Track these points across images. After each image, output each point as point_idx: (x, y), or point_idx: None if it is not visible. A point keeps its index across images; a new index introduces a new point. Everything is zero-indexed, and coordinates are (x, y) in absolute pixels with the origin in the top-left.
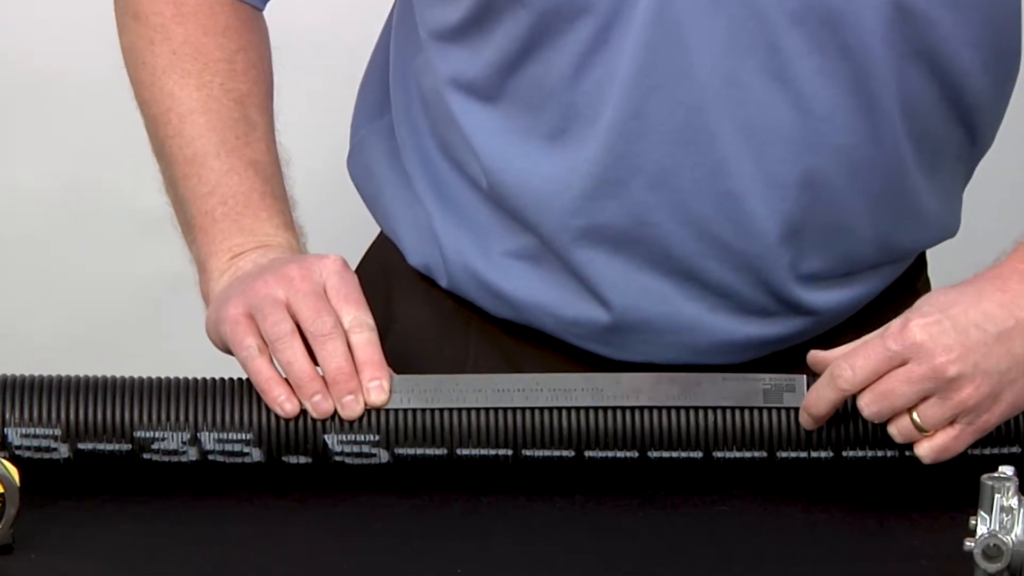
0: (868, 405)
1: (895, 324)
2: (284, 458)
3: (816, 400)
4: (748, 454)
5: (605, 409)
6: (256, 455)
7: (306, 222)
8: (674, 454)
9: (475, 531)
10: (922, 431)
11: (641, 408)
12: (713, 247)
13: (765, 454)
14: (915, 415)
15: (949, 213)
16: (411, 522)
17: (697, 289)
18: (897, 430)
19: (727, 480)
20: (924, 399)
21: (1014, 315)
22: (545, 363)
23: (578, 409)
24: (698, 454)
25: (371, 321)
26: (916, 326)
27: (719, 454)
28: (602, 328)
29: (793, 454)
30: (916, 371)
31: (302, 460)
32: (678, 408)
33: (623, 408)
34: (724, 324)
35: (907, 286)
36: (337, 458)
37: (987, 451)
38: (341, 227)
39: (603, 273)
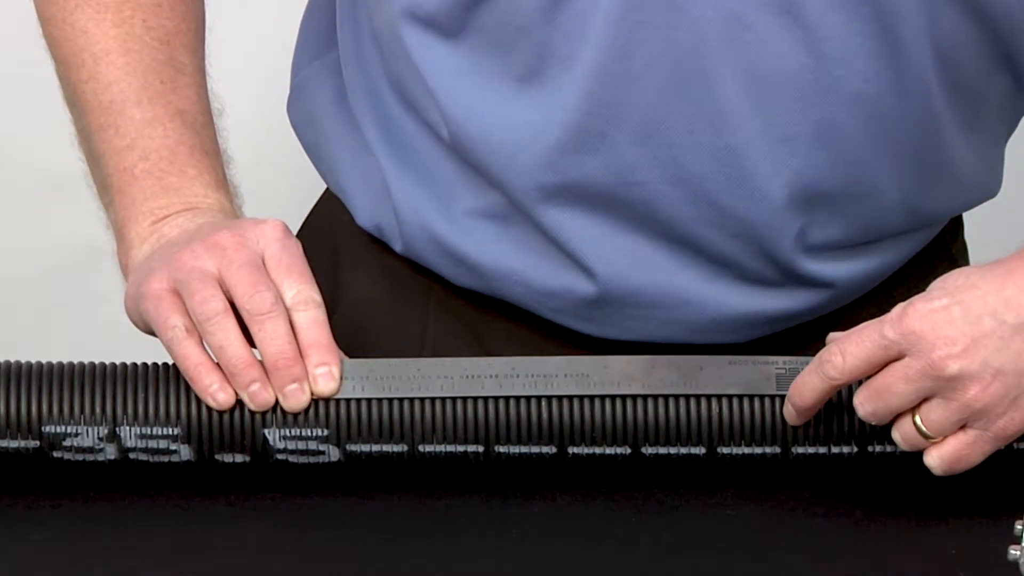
0: (862, 403)
1: (896, 309)
2: (218, 456)
3: (800, 388)
4: (759, 450)
5: (592, 398)
6: (185, 453)
7: (241, 181)
8: (672, 450)
9: (441, 540)
10: (927, 437)
11: (634, 397)
12: (709, 211)
13: (778, 450)
14: (917, 418)
15: (988, 172)
16: (365, 530)
17: (691, 257)
18: (900, 435)
19: (734, 480)
20: (927, 399)
21: None
22: (517, 341)
23: (560, 398)
24: (700, 450)
25: (318, 297)
26: (916, 313)
27: (725, 450)
28: (584, 301)
29: (811, 450)
30: (913, 366)
31: (239, 459)
32: (677, 397)
33: (613, 397)
34: (725, 297)
35: (941, 252)
36: (279, 456)
37: None
38: (282, 186)
39: (583, 237)
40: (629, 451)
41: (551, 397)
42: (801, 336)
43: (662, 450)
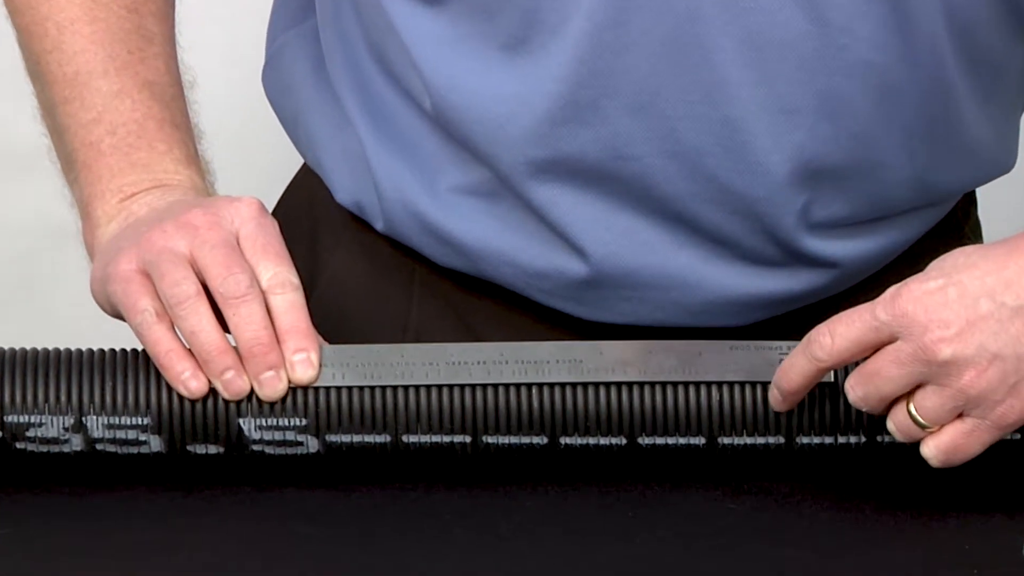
0: (853, 388)
1: (890, 290)
2: (190, 448)
3: (787, 371)
4: (761, 440)
5: (585, 385)
6: (155, 444)
7: (214, 156)
8: (670, 440)
9: (426, 536)
10: (923, 427)
11: (629, 384)
12: (707, 187)
13: (782, 440)
14: (912, 406)
15: (1003, 145)
16: (346, 526)
17: (689, 235)
18: (895, 424)
19: (736, 473)
20: (921, 386)
21: None
22: (505, 325)
23: (552, 386)
24: (700, 440)
25: (295, 279)
26: (910, 294)
27: (725, 440)
28: (575, 282)
29: (817, 440)
30: (905, 350)
31: (212, 450)
32: (675, 384)
33: (607, 384)
34: (724, 277)
35: (953, 230)
36: (255, 447)
37: None
38: (257, 162)
39: (574, 214)
40: (624, 441)
41: (542, 384)
42: (805, 319)
43: (659, 440)
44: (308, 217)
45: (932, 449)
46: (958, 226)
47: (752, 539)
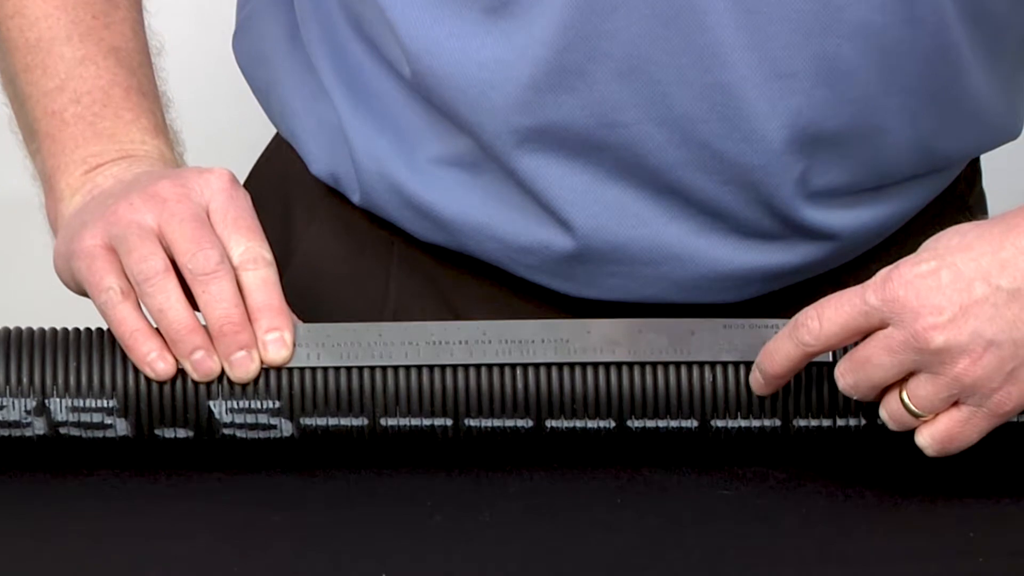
0: (843, 375)
1: (881, 272)
2: (158, 432)
3: (771, 354)
4: (757, 423)
5: (572, 366)
6: (121, 427)
7: (183, 126)
8: (661, 423)
9: (405, 524)
10: (916, 416)
11: (618, 364)
12: (699, 155)
13: (779, 423)
14: (904, 394)
15: (1010, 109)
16: (321, 513)
17: (681, 207)
18: (888, 413)
19: (730, 457)
20: (914, 374)
21: None
22: (488, 302)
23: (537, 366)
24: (692, 423)
25: (268, 254)
26: (900, 278)
27: (719, 423)
28: (561, 256)
29: (815, 423)
30: (896, 337)
31: (181, 434)
32: (666, 364)
33: (595, 364)
34: (717, 251)
35: (956, 201)
36: (226, 431)
37: None
38: (228, 132)
39: (560, 186)
40: (613, 424)
41: (527, 365)
42: (802, 294)
43: (649, 423)
44: (281, 190)
45: (927, 438)
46: (962, 197)
47: (747, 526)
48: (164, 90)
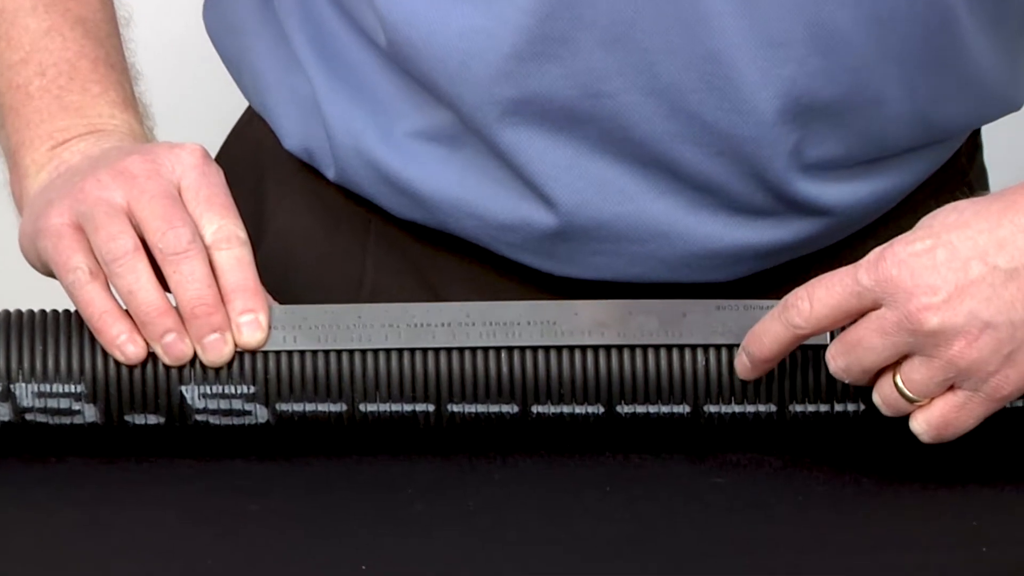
0: (834, 358)
1: (874, 251)
2: (128, 418)
3: (759, 336)
4: (751, 409)
5: (559, 349)
6: (90, 414)
7: (153, 99)
8: (652, 409)
9: (386, 513)
10: (911, 400)
11: (607, 347)
12: (689, 127)
13: (774, 408)
14: (898, 378)
15: (1012, 78)
16: (298, 502)
17: (668, 181)
18: (881, 398)
19: (723, 444)
20: (908, 357)
21: None
22: (469, 281)
23: (523, 349)
24: (684, 409)
25: (242, 233)
26: (894, 257)
27: (712, 408)
28: (544, 234)
29: (811, 408)
30: (889, 318)
31: (152, 420)
32: (657, 347)
33: (583, 348)
34: (707, 227)
35: (956, 176)
36: (199, 417)
37: None
38: (200, 106)
39: (543, 160)
40: (602, 410)
41: (512, 348)
42: (795, 273)
43: (640, 409)
44: (253, 166)
45: (922, 424)
46: (962, 172)
47: (741, 515)
48: (133, 62)
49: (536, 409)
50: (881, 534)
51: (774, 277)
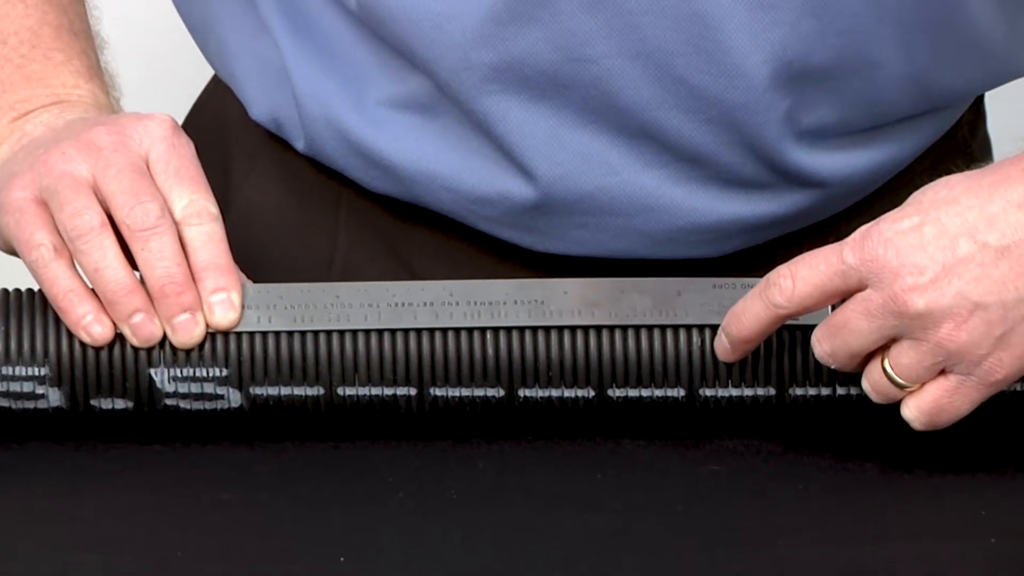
0: (819, 341)
1: (861, 229)
2: (94, 402)
3: (739, 316)
4: (749, 392)
5: (547, 330)
6: (54, 398)
7: (120, 68)
8: (645, 393)
9: (364, 502)
10: (901, 386)
11: (598, 328)
12: (676, 93)
13: (773, 391)
14: (887, 363)
15: (1016, 42)
16: (273, 491)
17: (654, 152)
18: (870, 384)
19: (720, 429)
20: (897, 340)
21: None
22: (444, 257)
23: (509, 330)
24: (679, 393)
25: (214, 208)
26: (880, 235)
27: (708, 392)
28: (523, 207)
29: (812, 391)
30: (874, 299)
31: (119, 405)
32: (650, 328)
33: (573, 328)
34: (695, 200)
35: (958, 146)
36: (169, 402)
37: None
38: (168, 75)
39: (522, 130)
40: (592, 394)
41: (498, 329)
42: (788, 248)
43: (632, 392)
44: (219, 137)
45: (913, 410)
46: (964, 142)
47: (738, 504)
48: (98, 30)
49: (523, 393)
50: (886, 524)
51: (766, 252)
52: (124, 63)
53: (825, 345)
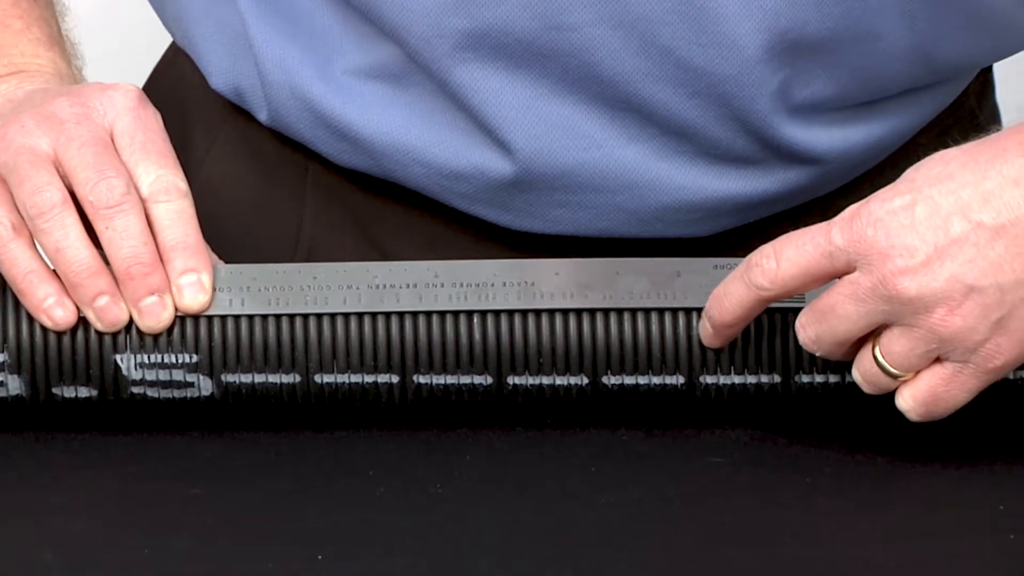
0: (803, 327)
1: (850, 208)
2: (56, 390)
3: (721, 298)
4: (753, 379)
5: (538, 313)
6: (14, 385)
7: (82, 36)
8: (642, 380)
9: (344, 496)
10: (894, 376)
11: (592, 311)
12: (662, 64)
13: (778, 379)
14: (878, 351)
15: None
16: (246, 485)
17: (639, 125)
18: (861, 374)
19: (722, 418)
20: (888, 327)
21: None
22: (417, 236)
23: (498, 313)
24: (679, 380)
25: (183, 184)
26: (869, 215)
27: (709, 379)
28: (500, 183)
29: (819, 378)
30: (863, 283)
31: (83, 393)
32: (647, 311)
33: (565, 311)
34: (682, 176)
35: (965, 117)
36: (136, 389)
37: None
38: (133, 43)
39: (498, 100)
40: (586, 381)
41: (485, 312)
42: (782, 227)
43: (628, 380)
44: (178, 108)
45: (908, 400)
46: (971, 114)
47: (741, 499)
48: None
49: (512, 380)
50: (898, 521)
51: (759, 231)
52: (85, 30)
53: (810, 331)
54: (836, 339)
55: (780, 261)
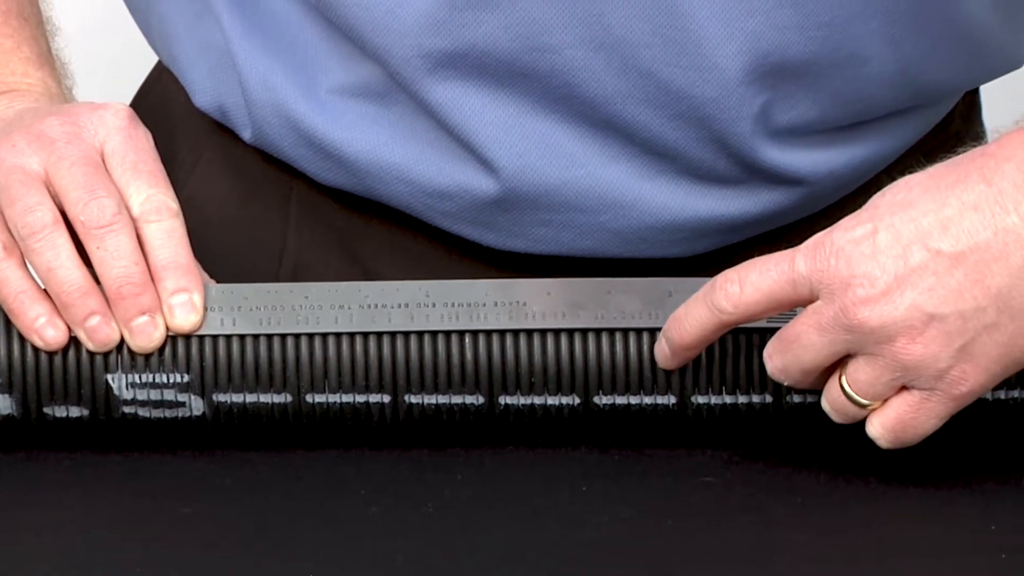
0: (771, 357)
1: (815, 236)
2: (47, 410)
3: (681, 320)
4: (744, 399)
5: (530, 333)
6: (5, 405)
7: (72, 56)
8: (634, 400)
9: (335, 515)
10: (861, 405)
11: (584, 331)
12: (642, 86)
13: (770, 399)
14: (844, 380)
15: (1012, 34)
16: (238, 503)
17: (621, 145)
18: (829, 403)
19: (713, 439)
20: (853, 356)
21: (994, 222)
22: (401, 255)
23: (489, 333)
24: (670, 400)
25: (174, 203)
26: (832, 244)
27: (701, 400)
28: (483, 202)
29: (811, 398)
30: (825, 313)
31: (75, 413)
32: (639, 331)
33: (556, 331)
34: (665, 197)
35: (951, 140)
36: (127, 409)
37: None
38: (123, 63)
39: (480, 119)
40: (578, 401)
41: (477, 332)
42: (765, 248)
43: (620, 400)
44: (162, 127)
45: (877, 428)
46: (957, 136)
47: (733, 519)
48: (50, 15)
49: (504, 400)
50: (889, 540)
51: (743, 252)
52: (76, 50)
53: (776, 360)
54: (802, 368)
55: (744, 286)
